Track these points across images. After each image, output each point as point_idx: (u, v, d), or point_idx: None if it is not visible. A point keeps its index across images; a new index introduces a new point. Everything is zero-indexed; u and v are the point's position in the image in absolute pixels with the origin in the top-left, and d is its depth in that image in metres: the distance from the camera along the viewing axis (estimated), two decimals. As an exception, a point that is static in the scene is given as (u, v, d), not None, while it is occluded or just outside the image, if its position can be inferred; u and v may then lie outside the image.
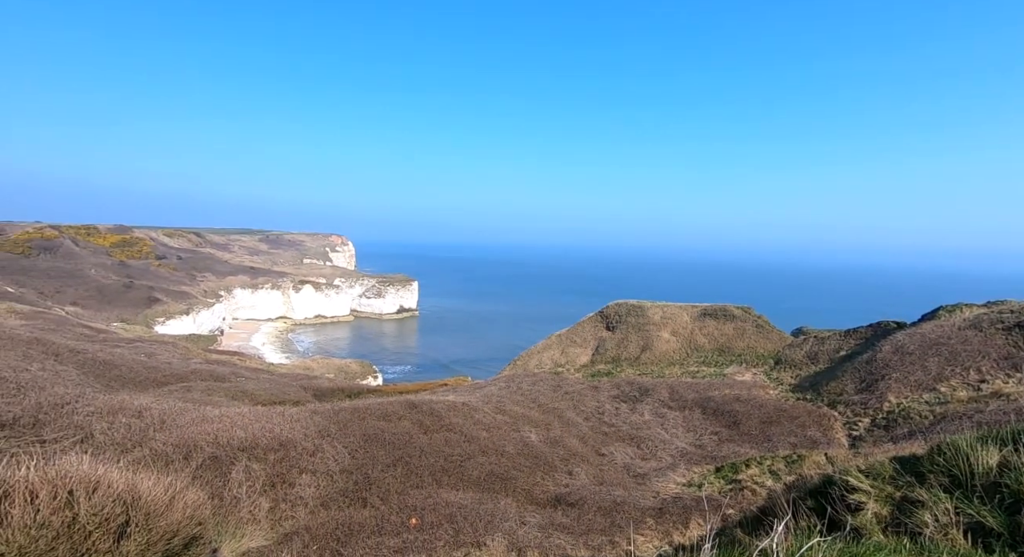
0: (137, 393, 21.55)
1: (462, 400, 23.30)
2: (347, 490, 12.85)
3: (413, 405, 19.76)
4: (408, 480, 13.99)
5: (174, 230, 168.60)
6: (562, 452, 19.29)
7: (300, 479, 12.74)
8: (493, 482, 15.06)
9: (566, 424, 23.42)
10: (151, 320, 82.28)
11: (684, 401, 27.98)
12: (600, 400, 28.51)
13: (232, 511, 10.71)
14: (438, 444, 16.70)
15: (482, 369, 76.86)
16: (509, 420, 21.46)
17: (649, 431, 24.22)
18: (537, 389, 29.99)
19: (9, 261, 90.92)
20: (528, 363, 46.08)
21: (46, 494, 5.43)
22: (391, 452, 15.23)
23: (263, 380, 33.52)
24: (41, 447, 11.97)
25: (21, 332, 31.53)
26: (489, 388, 30.90)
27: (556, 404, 26.70)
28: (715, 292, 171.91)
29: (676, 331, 44.43)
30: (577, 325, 50.13)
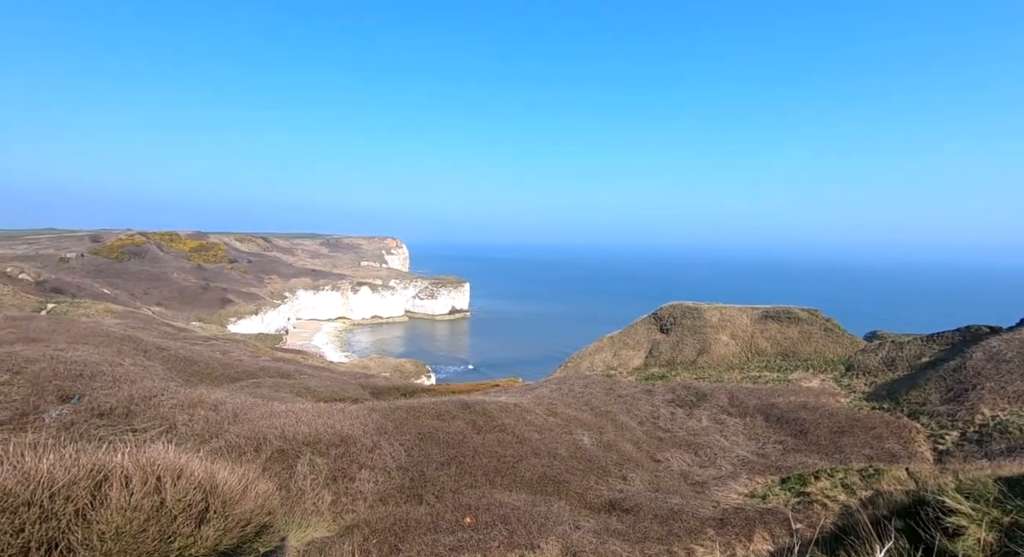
0: (213, 388, 23.18)
1: (514, 401, 23.38)
2: (403, 487, 13.20)
3: (466, 405, 20.03)
4: (462, 479, 14.18)
5: (244, 235, 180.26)
6: (616, 456, 18.92)
7: (360, 474, 13.22)
8: (546, 484, 14.98)
9: (619, 428, 22.95)
10: (225, 319, 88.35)
11: (745, 407, 26.71)
12: (655, 404, 27.74)
13: (298, 502, 11.27)
14: (491, 444, 16.83)
15: (533, 370, 76.85)
16: (561, 422, 21.29)
17: (707, 438, 23.29)
18: (589, 391, 29.60)
19: (106, 265, 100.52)
20: (580, 365, 45.60)
21: (138, 479, 5.92)
22: (445, 451, 15.50)
23: (324, 378, 35.14)
24: (133, 435, 13.10)
25: (116, 330, 34.71)
26: (540, 390, 30.82)
27: (609, 407, 26.24)
28: (773, 293, 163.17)
29: (735, 334, 42.51)
30: (630, 327, 49.08)
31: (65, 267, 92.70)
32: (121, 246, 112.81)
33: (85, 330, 32.29)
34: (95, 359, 22.62)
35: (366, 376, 43.39)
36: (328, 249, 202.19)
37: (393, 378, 49.44)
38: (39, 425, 13.48)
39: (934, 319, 54.33)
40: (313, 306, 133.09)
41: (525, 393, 29.50)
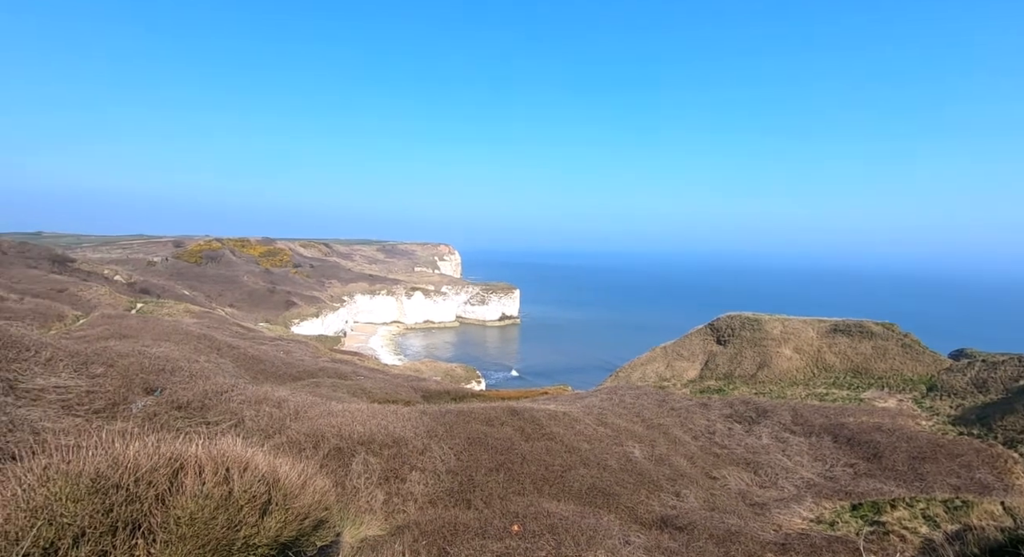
0: (277, 386, 24.52)
1: (563, 410, 23.15)
2: (452, 490, 13.35)
3: (515, 412, 20.04)
4: (510, 486, 14.17)
5: (308, 241, 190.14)
6: (668, 471, 18.27)
7: (410, 476, 13.51)
8: (595, 496, 14.69)
9: (672, 442, 22.16)
10: (289, 321, 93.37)
11: (810, 426, 25.06)
12: (711, 418, 26.59)
13: (352, 500, 11.67)
14: (539, 452, 16.73)
15: (582, 379, 75.82)
16: (611, 433, 20.85)
17: (768, 456, 22.03)
18: (641, 403, 28.81)
19: (186, 268, 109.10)
20: (631, 375, 44.52)
21: (210, 469, 6.33)
22: (494, 457, 15.56)
23: (378, 379, 36.31)
24: (206, 428, 14.06)
25: (193, 329, 37.52)
26: (590, 399, 30.34)
27: (661, 420, 25.42)
28: (838, 305, 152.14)
29: (800, 348, 40.07)
30: (684, 337, 47.42)
31: (152, 270, 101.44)
32: (200, 251, 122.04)
33: (167, 328, 35.11)
34: (175, 355, 24.54)
35: (418, 379, 44.43)
36: (384, 255, 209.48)
37: (444, 382, 50.33)
38: (127, 414, 14.74)
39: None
40: (369, 310, 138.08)
41: (574, 402, 29.14)
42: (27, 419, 11.43)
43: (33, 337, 19.05)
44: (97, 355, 19.22)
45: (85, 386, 15.94)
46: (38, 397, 14.02)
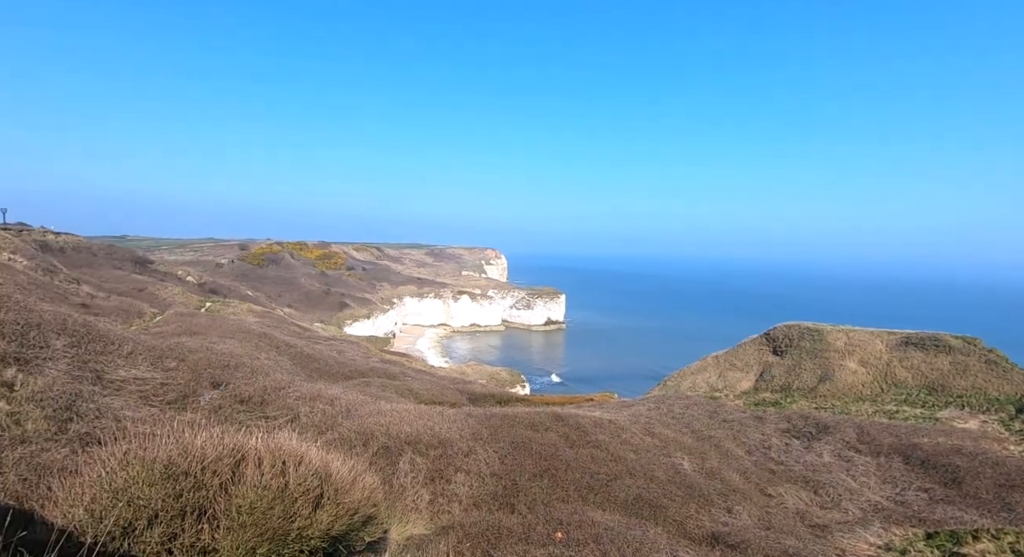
0: (330, 384, 25.51)
1: (608, 417, 22.73)
2: (496, 494, 13.39)
3: (559, 417, 19.88)
4: (554, 492, 14.05)
5: (361, 245, 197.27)
6: (719, 486, 17.52)
7: (455, 477, 13.66)
8: (641, 507, 14.31)
9: (724, 455, 21.26)
10: (342, 322, 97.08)
11: (878, 445, 23.35)
12: (766, 433, 25.32)
13: (399, 498, 11.94)
14: (584, 460, 16.50)
15: (628, 386, 74.23)
16: (659, 443, 20.26)
17: (829, 475, 20.69)
18: (690, 413, 27.85)
19: (250, 270, 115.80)
20: (680, 384, 43.15)
21: (268, 462, 6.66)
22: (538, 462, 15.48)
23: (425, 381, 37.05)
24: (265, 422, 14.82)
25: (255, 328, 39.73)
26: (637, 407, 29.63)
27: (713, 432, 24.45)
28: (909, 317, 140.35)
29: (866, 361, 37.46)
30: (738, 347, 45.46)
31: (219, 271, 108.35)
32: (262, 254, 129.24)
33: (232, 327, 37.36)
34: (238, 352, 26.05)
35: (464, 382, 45.00)
36: (432, 258, 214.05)
37: (489, 385, 50.68)
38: (195, 406, 15.79)
39: None
40: (418, 312, 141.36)
41: (620, 410, 28.56)
42: (111, 407, 12.46)
43: (117, 332, 20.78)
44: (171, 350, 20.72)
45: (160, 378, 17.20)
46: (120, 387, 15.25)
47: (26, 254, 42.17)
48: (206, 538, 5.46)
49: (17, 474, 7.58)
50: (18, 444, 8.90)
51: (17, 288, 24.53)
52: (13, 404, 10.30)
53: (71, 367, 14.76)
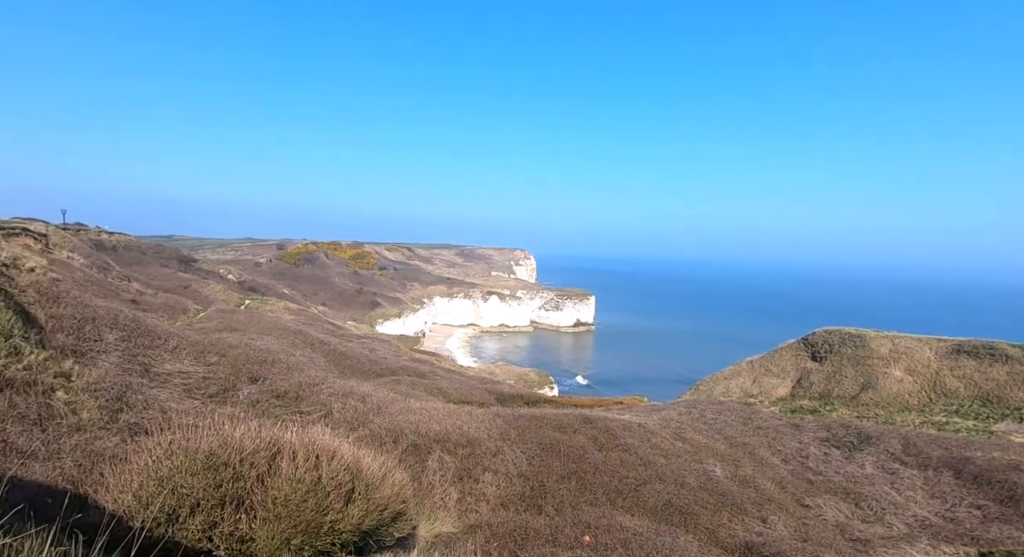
0: (362, 381, 26.05)
1: (638, 421, 22.40)
2: (524, 494, 13.39)
3: (588, 420, 19.71)
4: (581, 495, 13.94)
5: (392, 245, 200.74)
6: (753, 494, 17.01)
7: (483, 477, 13.73)
8: (671, 513, 14.04)
9: (759, 463, 20.62)
10: (374, 320, 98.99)
11: (926, 458, 22.19)
12: (803, 441, 24.43)
13: (428, 496, 12.09)
14: (612, 463, 16.31)
15: (658, 390, 72.95)
16: (690, 449, 19.83)
17: (872, 488, 19.80)
18: (723, 419, 27.15)
19: (287, 269, 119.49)
20: (713, 389, 42.12)
21: (302, 456, 6.84)
22: (565, 464, 15.40)
23: (454, 380, 37.38)
24: (299, 417, 15.24)
25: (291, 325, 40.95)
26: (667, 412, 29.09)
27: (746, 439, 23.77)
28: (959, 324, 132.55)
29: (913, 369, 35.68)
30: (774, 352, 44.04)
31: (258, 270, 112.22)
32: (298, 253, 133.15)
33: (269, 324, 38.62)
34: (275, 348, 26.90)
35: (492, 382, 45.18)
36: (462, 259, 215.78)
37: (517, 386, 50.72)
38: (235, 400, 16.39)
39: None
40: (447, 312, 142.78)
41: (650, 414, 28.09)
42: (157, 399, 13.07)
43: (163, 327, 21.78)
44: (212, 345, 21.58)
45: (202, 373, 17.94)
46: (166, 380, 15.99)
47: (83, 252, 44.73)
48: (244, 527, 5.66)
49: (73, 460, 8.05)
50: (74, 432, 9.45)
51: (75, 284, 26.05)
52: (70, 394, 10.92)
53: (122, 360, 15.56)
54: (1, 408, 9.41)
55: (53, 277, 20.19)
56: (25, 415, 9.54)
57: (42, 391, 10.58)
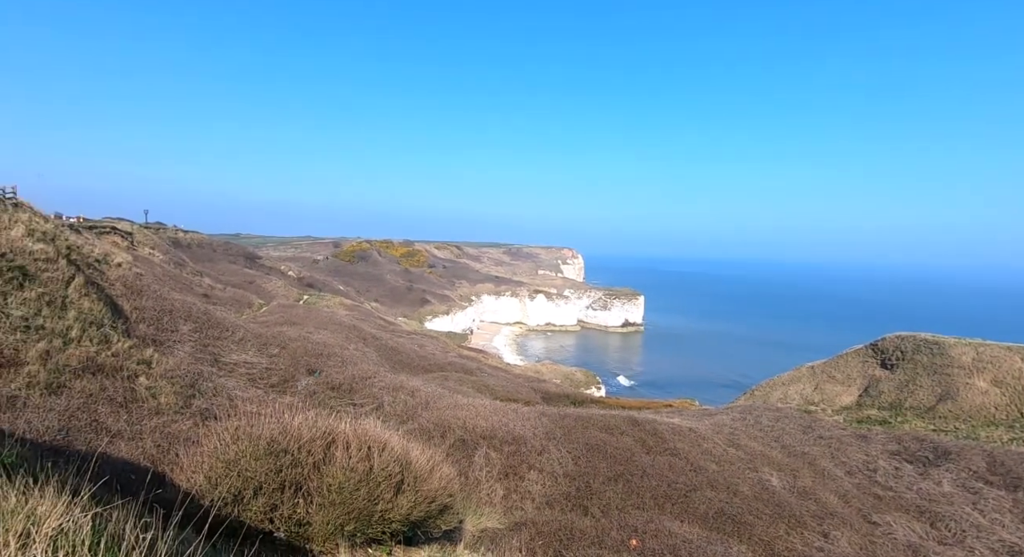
0: (411, 376, 26.75)
1: (688, 425, 21.73)
2: (569, 494, 13.31)
3: (636, 422, 19.32)
4: (628, 498, 13.69)
5: (442, 243, 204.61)
6: (814, 507, 16.09)
7: (529, 475, 13.76)
8: (723, 522, 13.52)
9: (819, 474, 19.49)
10: (423, 317, 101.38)
11: (1015, 478, 20.21)
12: (871, 453, 22.87)
13: (474, 491, 12.25)
14: (661, 467, 15.91)
15: (710, 395, 70.38)
16: (744, 456, 19.02)
17: (951, 507, 18.24)
18: (781, 426, 25.86)
19: (342, 266, 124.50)
20: (769, 395, 40.18)
21: (355, 446, 7.10)
22: (612, 466, 15.17)
23: (501, 378, 37.66)
24: (353, 409, 15.86)
25: (345, 320, 42.64)
26: (720, 417, 28.03)
27: (807, 448, 22.53)
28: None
29: (1000, 380, 32.51)
30: (838, 358, 41.42)
31: (315, 267, 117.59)
32: (352, 251, 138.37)
33: (325, 318, 40.39)
34: (331, 342, 28.11)
35: (538, 381, 45.15)
36: (509, 257, 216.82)
37: (563, 385, 50.44)
38: (294, 390, 17.27)
39: None
40: (494, 310, 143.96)
41: (701, 418, 27.17)
42: (225, 387, 13.97)
43: (231, 320, 23.25)
44: (274, 338, 22.82)
45: (265, 363, 19.01)
46: (232, 370, 17.07)
47: (162, 249, 48.51)
48: (301, 511, 5.96)
49: (153, 441, 8.75)
50: (153, 415, 10.27)
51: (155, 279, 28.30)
52: (150, 379, 11.88)
53: (194, 349, 16.75)
54: (93, 390, 10.38)
55: (137, 272, 22.01)
56: (113, 397, 10.47)
57: (127, 376, 11.57)
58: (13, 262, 13.62)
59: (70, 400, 9.68)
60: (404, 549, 6.58)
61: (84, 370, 10.95)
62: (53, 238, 17.05)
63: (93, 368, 11.20)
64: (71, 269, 15.49)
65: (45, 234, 16.85)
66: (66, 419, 8.99)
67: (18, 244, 14.67)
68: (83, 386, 10.38)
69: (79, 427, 8.92)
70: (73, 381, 10.38)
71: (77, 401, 9.75)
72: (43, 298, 13.06)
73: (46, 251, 15.36)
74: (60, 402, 9.46)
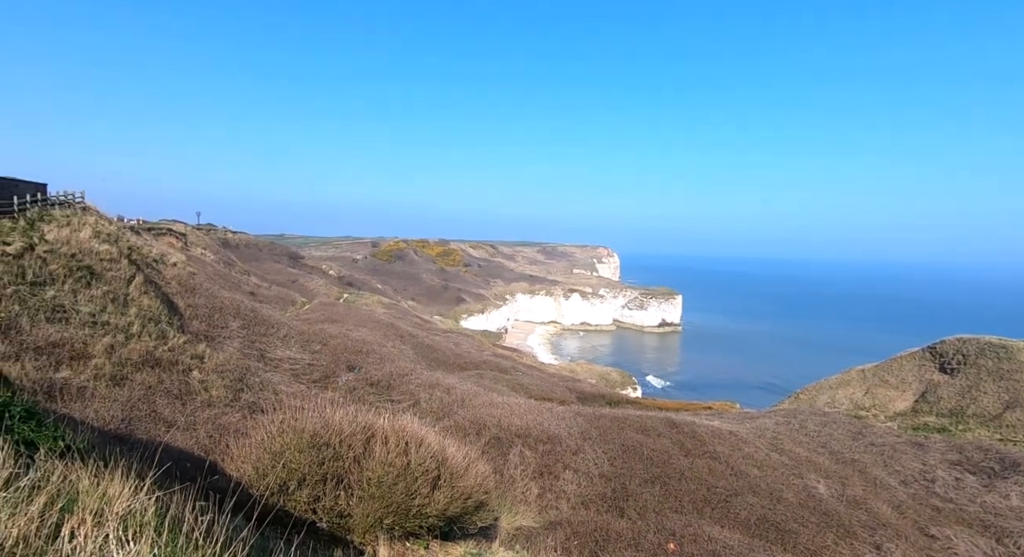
0: (447, 374, 27.11)
1: (728, 428, 21.12)
2: (605, 495, 13.18)
3: (673, 424, 18.94)
4: (666, 501, 13.44)
5: (476, 243, 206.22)
6: (864, 517, 15.34)
7: (564, 474, 13.72)
8: (767, 529, 13.08)
9: (871, 483, 18.55)
10: (458, 316, 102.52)
11: (1093, 494, 18.64)
12: (928, 463, 21.59)
13: (509, 489, 12.32)
14: (699, 471, 15.53)
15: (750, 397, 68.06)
16: (788, 462, 18.32)
17: (1020, 523, 17.01)
18: (828, 432, 24.77)
19: (379, 266, 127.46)
20: (816, 399, 38.51)
21: (393, 441, 7.26)
22: (648, 468, 14.92)
23: (535, 377, 37.65)
24: (391, 405, 16.22)
25: (383, 318, 43.63)
26: (763, 420, 27.10)
27: (857, 456, 21.49)
28: None
29: (1077, 386, 30.01)
30: (892, 360, 39.26)
31: (355, 266, 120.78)
32: (390, 251, 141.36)
33: (364, 316, 41.45)
34: (370, 339, 28.83)
35: (573, 380, 44.87)
36: (544, 256, 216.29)
37: (599, 385, 49.93)
38: (335, 386, 17.83)
39: None
40: (529, 309, 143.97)
41: (742, 421, 26.34)
42: (270, 381, 14.57)
43: (276, 317, 24.20)
44: (316, 335, 23.61)
45: (307, 359, 19.70)
46: (277, 365, 17.77)
47: (212, 250, 51.00)
48: (342, 503, 6.15)
49: (205, 432, 9.22)
50: (206, 407, 10.81)
51: (206, 278, 29.80)
52: (203, 373, 12.51)
53: (242, 345, 17.54)
54: (152, 383, 11.03)
55: (190, 271, 23.24)
56: (169, 390, 11.09)
57: (182, 370, 12.23)
58: (82, 262, 14.64)
59: (131, 391, 10.33)
60: (441, 544, 6.69)
61: (143, 363, 11.67)
62: (116, 239, 18.21)
63: (151, 362, 11.92)
64: (132, 268, 16.51)
65: (109, 236, 18.02)
66: (128, 409, 9.60)
67: (86, 245, 15.75)
68: (143, 379, 11.06)
69: (139, 417, 9.51)
70: (134, 374, 11.07)
71: (138, 392, 10.40)
72: (107, 296, 13.98)
73: (110, 252, 16.42)
74: (123, 393, 10.11)
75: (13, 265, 12.73)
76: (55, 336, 10.85)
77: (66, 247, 15.18)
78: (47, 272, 13.43)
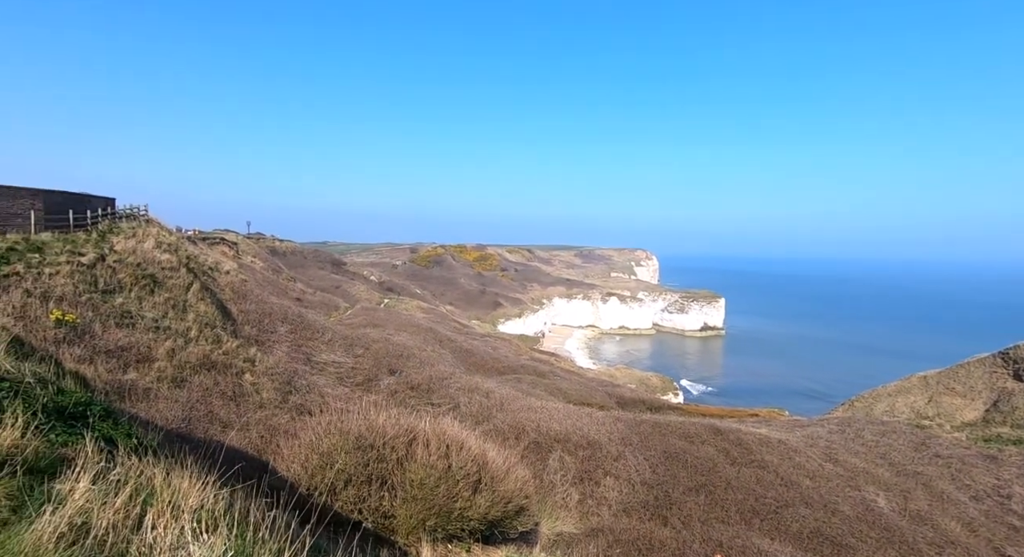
0: (485, 378, 27.27)
1: (777, 436, 20.26)
2: (648, 503, 12.91)
3: (718, 431, 18.35)
4: (711, 511, 13.02)
5: (513, 247, 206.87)
6: (931, 534, 14.37)
7: (604, 481, 13.52)
8: (821, 543, 12.46)
9: (937, 497, 17.35)
10: (496, 320, 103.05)
11: None
12: (1003, 477, 20.02)
13: (549, 494, 12.26)
14: (747, 480, 14.97)
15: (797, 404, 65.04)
16: (843, 473, 17.40)
17: (1110, 546, 15.49)
18: (888, 442, 23.37)
19: (418, 271, 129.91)
20: (873, 407, 36.43)
21: (435, 444, 7.38)
22: (693, 476, 14.51)
23: (574, 381, 37.34)
24: (431, 408, 16.47)
25: (423, 323, 44.39)
26: (814, 429, 25.85)
27: (920, 468, 20.17)
28: None
29: None
30: (958, 367, 36.69)
31: (395, 271, 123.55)
32: (428, 256, 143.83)
33: (404, 321, 42.29)
34: (410, 344, 29.39)
35: (612, 385, 44.22)
36: (581, 260, 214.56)
37: (639, 391, 48.99)
38: (377, 389, 18.27)
39: None
40: (566, 313, 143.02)
41: (792, 429, 25.22)
42: (317, 384, 15.09)
43: (321, 322, 25.05)
44: (359, 339, 24.28)
45: (351, 363, 20.28)
46: (323, 368, 18.38)
47: (261, 257, 53.40)
48: (386, 504, 6.30)
49: (257, 432, 9.65)
50: (257, 408, 11.31)
51: (256, 285, 31.23)
52: (254, 376, 13.10)
53: (290, 349, 18.25)
54: (208, 385, 11.64)
55: (242, 278, 24.41)
56: (224, 392, 11.68)
57: (235, 373, 12.85)
58: (146, 271, 15.65)
59: (191, 393, 10.95)
60: (482, 547, 6.74)
61: (201, 366, 12.35)
62: (176, 249, 19.38)
63: (208, 365, 12.59)
64: (190, 276, 17.51)
65: (170, 246, 19.20)
66: (188, 410, 10.18)
67: (149, 255, 16.83)
68: (200, 381, 11.69)
69: (198, 417, 10.07)
70: (192, 376, 11.73)
71: (196, 394, 11.01)
72: (169, 302, 14.88)
73: (171, 261, 17.49)
74: (183, 394, 10.73)
75: (87, 274, 13.77)
76: (123, 340, 11.65)
77: (132, 257, 16.31)
78: (116, 280, 14.45)
